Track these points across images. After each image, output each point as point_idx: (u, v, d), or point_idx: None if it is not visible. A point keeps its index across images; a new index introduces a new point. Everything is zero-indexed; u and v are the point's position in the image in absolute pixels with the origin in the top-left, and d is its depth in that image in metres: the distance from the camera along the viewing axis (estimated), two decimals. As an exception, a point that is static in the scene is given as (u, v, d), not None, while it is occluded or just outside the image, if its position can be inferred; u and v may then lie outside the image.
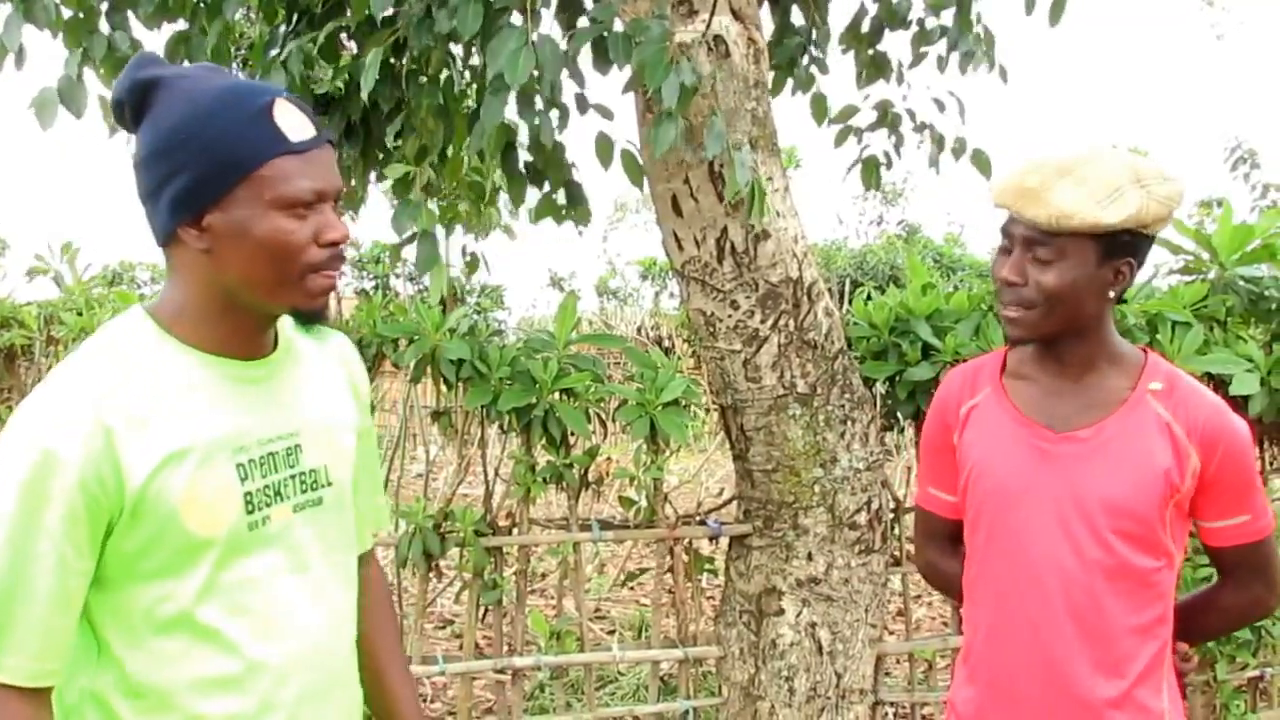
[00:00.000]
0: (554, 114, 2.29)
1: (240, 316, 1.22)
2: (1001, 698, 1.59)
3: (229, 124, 1.14)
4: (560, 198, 2.78)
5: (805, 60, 3.43)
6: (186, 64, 1.24)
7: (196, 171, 1.14)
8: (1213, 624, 1.70)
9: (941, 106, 3.40)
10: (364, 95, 2.37)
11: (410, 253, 2.57)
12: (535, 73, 2.13)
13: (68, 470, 1.09)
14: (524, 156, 2.68)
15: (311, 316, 1.24)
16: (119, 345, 1.19)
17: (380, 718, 1.50)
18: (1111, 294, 1.50)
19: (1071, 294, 1.46)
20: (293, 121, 1.17)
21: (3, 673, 1.10)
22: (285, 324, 1.32)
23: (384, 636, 1.50)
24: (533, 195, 2.80)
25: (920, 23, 3.50)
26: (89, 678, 1.19)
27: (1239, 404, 2.80)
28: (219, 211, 1.15)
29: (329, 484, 1.31)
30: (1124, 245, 1.46)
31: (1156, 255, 3.15)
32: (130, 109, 1.20)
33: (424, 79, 2.63)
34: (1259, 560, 1.58)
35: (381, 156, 2.96)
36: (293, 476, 1.26)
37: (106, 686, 1.18)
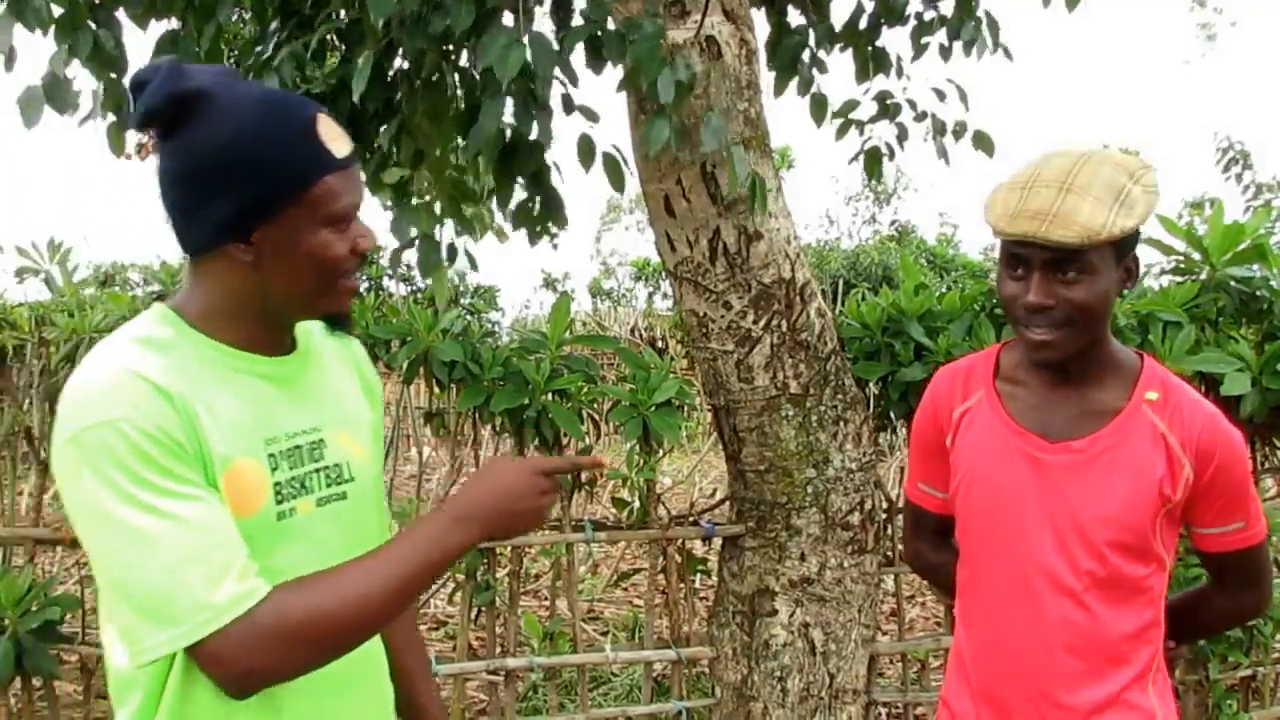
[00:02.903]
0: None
1: (272, 320, 1.26)
2: (994, 699, 1.59)
3: (280, 144, 1.16)
4: (535, 205, 2.77)
5: (806, 59, 3.42)
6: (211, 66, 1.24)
7: (250, 193, 1.15)
8: (1202, 625, 1.70)
9: (942, 96, 3.38)
10: (355, 98, 2.36)
11: (410, 256, 2.57)
12: (530, 69, 2.12)
13: (151, 427, 1.09)
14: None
15: (340, 320, 1.29)
16: (151, 335, 1.20)
17: (404, 714, 1.52)
18: (1124, 293, 1.50)
19: (1102, 305, 1.45)
20: (335, 137, 1.20)
21: (240, 602, 1.09)
22: (301, 326, 1.35)
23: (409, 636, 1.54)
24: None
25: (919, 16, 3.48)
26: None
27: (1230, 404, 2.81)
28: (269, 228, 1.17)
29: (352, 479, 1.33)
30: (1131, 242, 1.46)
31: (1149, 256, 3.16)
32: (164, 120, 1.18)
33: (419, 83, 2.63)
34: (1251, 565, 1.58)
35: (369, 156, 2.95)
36: (317, 470, 1.27)
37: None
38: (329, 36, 2.79)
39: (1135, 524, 1.48)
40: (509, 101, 2.24)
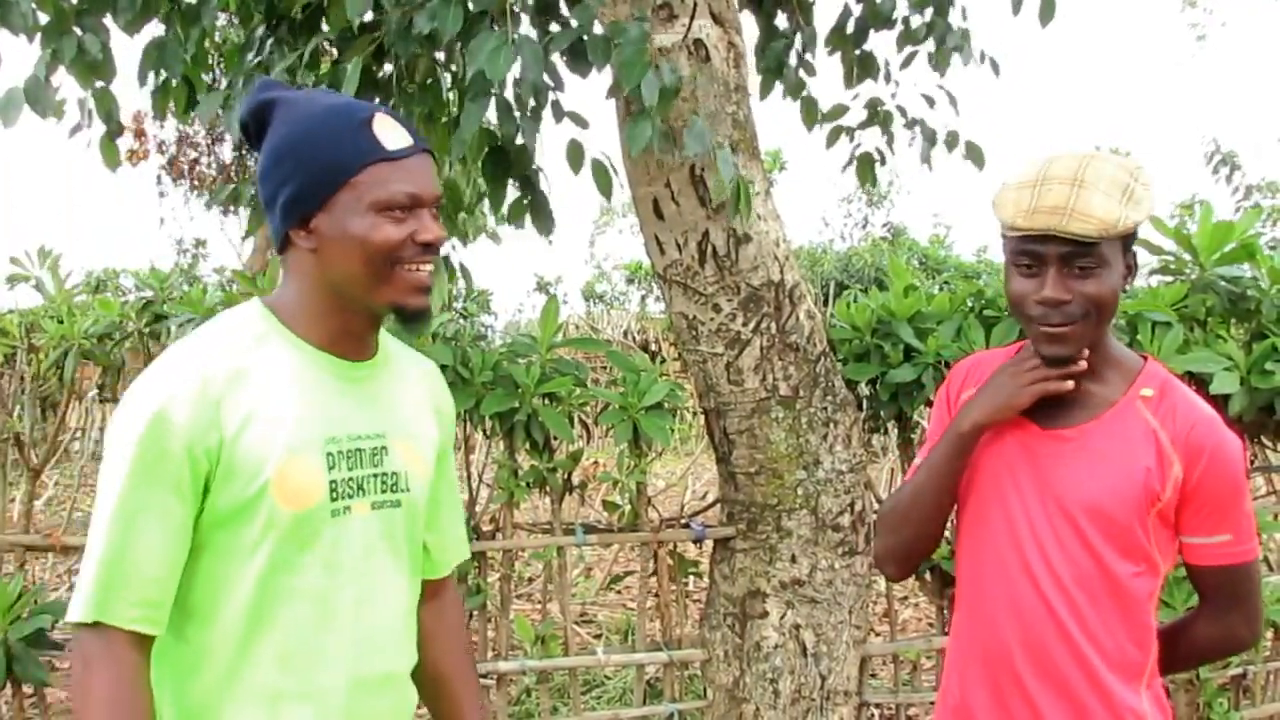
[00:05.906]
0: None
1: (348, 315, 1.33)
2: (989, 686, 1.59)
3: (332, 136, 1.26)
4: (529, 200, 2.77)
5: (794, 63, 3.42)
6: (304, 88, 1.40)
7: (303, 179, 1.26)
8: (1185, 653, 1.64)
9: (931, 102, 3.39)
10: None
11: None
12: (516, 74, 2.13)
13: (177, 432, 1.20)
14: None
15: (414, 315, 1.32)
16: (233, 330, 1.30)
17: None
18: (1127, 288, 1.53)
19: (1114, 298, 1.48)
20: (390, 132, 1.28)
21: (114, 617, 1.19)
22: (386, 339, 1.44)
23: (459, 665, 1.58)
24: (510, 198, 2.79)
25: (905, 21, 3.50)
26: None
27: (1218, 403, 2.82)
28: (324, 215, 1.27)
29: (407, 489, 1.38)
30: (1133, 238, 1.50)
31: (1138, 256, 3.16)
32: (253, 129, 1.34)
33: (412, 88, 2.62)
34: (1239, 587, 1.54)
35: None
36: (375, 475, 1.33)
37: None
38: (322, 43, 2.79)
39: (1119, 515, 1.48)
40: (502, 105, 2.24)
